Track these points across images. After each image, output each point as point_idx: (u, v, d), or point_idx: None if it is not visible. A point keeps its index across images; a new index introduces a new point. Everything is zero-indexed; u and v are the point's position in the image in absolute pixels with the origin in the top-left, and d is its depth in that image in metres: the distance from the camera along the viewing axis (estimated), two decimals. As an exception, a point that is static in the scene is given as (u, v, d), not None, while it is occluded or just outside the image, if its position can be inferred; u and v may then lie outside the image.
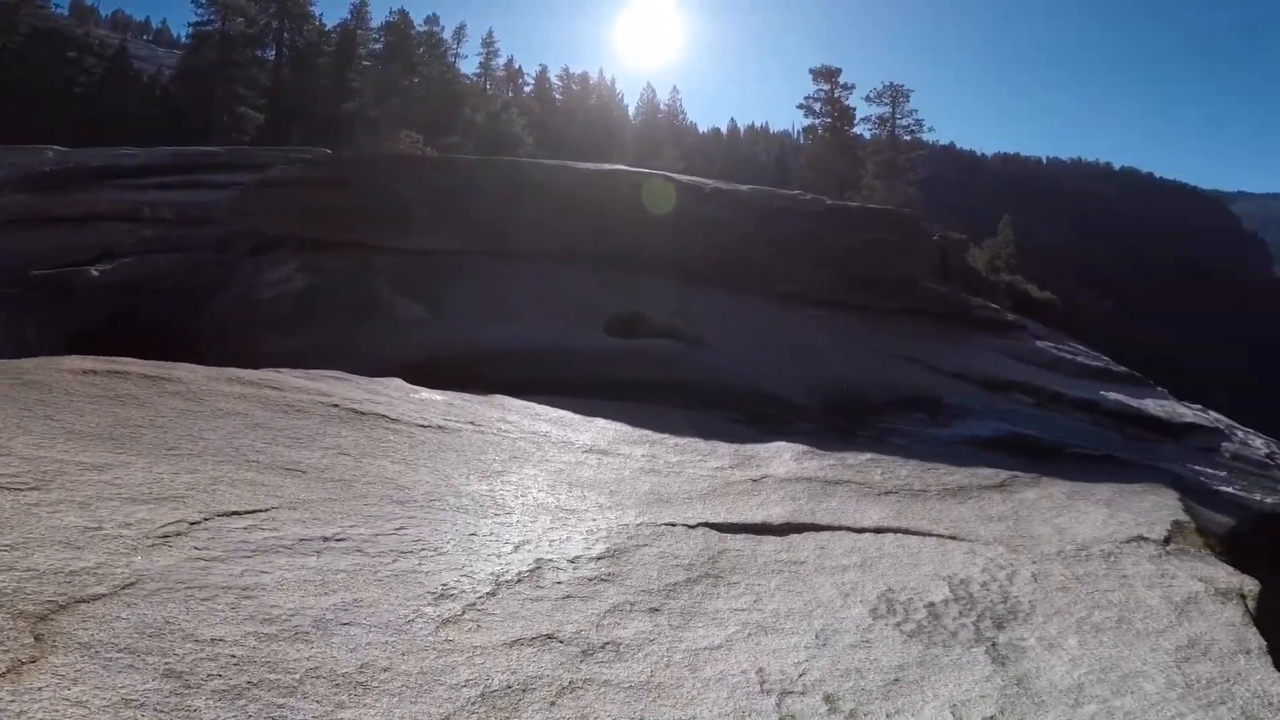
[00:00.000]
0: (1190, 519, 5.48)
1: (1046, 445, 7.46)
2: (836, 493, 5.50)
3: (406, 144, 26.31)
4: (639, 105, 51.95)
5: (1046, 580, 4.15)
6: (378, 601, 2.81)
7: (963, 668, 3.18)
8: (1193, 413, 11.97)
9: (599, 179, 16.23)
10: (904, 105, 36.22)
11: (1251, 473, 9.10)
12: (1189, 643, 3.51)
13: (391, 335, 10.20)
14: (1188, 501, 6.00)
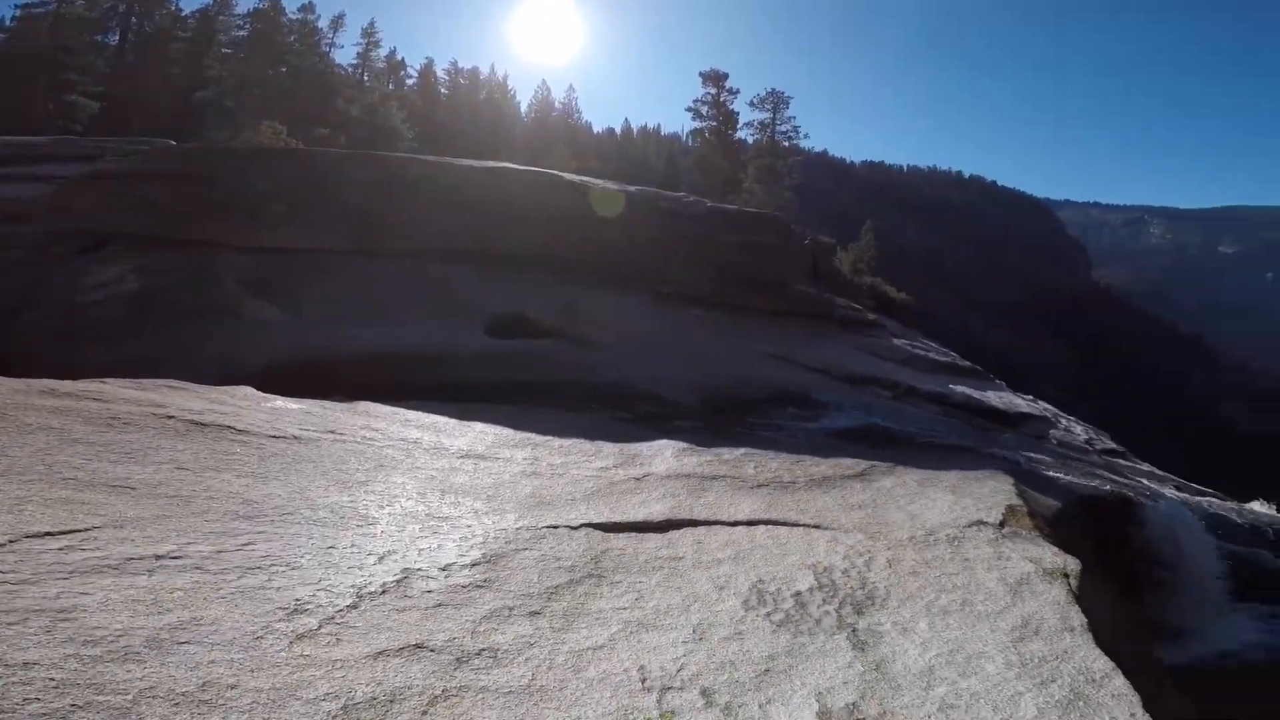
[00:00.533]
0: (1022, 502, 5.94)
1: (902, 435, 8.07)
2: (713, 488, 5.66)
3: (268, 136, 24.20)
4: (532, 102, 50.96)
5: (900, 566, 4.44)
6: (221, 619, 2.66)
7: (827, 655, 3.33)
8: (1026, 403, 13.48)
9: (483, 176, 15.77)
10: (784, 112, 37.46)
11: (1074, 458, 10.38)
12: (1023, 622, 3.79)
13: (243, 340, 9.34)
14: (1020, 486, 6.51)
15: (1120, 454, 12.86)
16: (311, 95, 38.15)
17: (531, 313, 11.94)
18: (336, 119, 37.54)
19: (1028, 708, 2.98)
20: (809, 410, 9.20)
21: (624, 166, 45.18)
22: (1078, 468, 9.25)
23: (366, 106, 40.40)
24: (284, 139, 23.86)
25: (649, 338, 12.52)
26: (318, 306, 10.77)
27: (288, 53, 41.85)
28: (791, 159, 38.46)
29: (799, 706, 2.89)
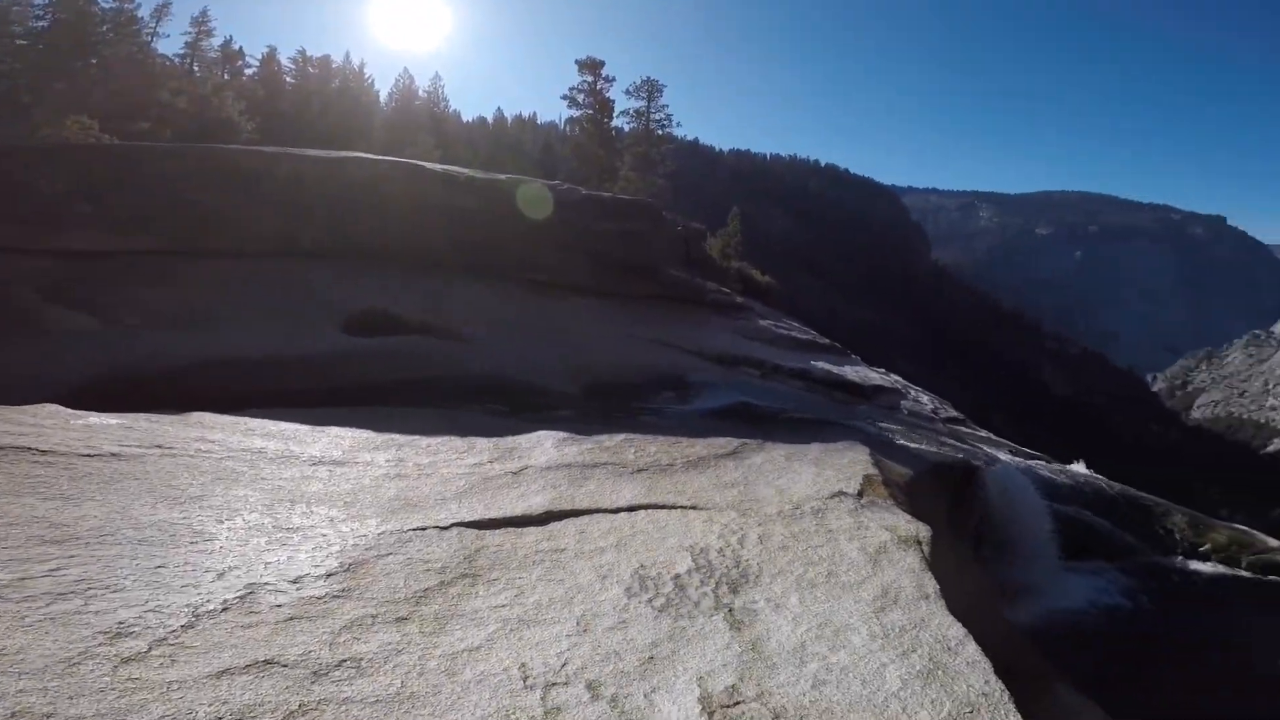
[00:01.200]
0: (878, 472, 6.28)
1: (770, 412, 8.44)
2: (594, 475, 5.62)
3: (74, 131, 20.99)
4: (393, 91, 48.01)
5: (770, 541, 4.60)
6: (27, 648, 2.46)
7: (706, 638, 3.37)
8: (879, 376, 14.59)
9: (332, 168, 14.70)
10: (658, 100, 37.75)
11: (923, 427, 11.31)
12: (883, 592, 3.99)
13: (48, 354, 8.05)
14: (876, 456, 6.87)
15: (961, 421, 14.24)
16: (128, 87, 33.59)
17: (395, 308, 11.27)
18: (160, 112, 33.39)
19: (892, 680, 3.10)
20: (685, 392, 9.40)
21: (497, 155, 44.02)
22: (926, 436, 9.90)
23: (197, 98, 36.16)
24: (95, 135, 20.83)
25: (524, 328, 12.25)
26: (141, 313, 9.53)
27: (99, 43, 36.58)
28: (665, 147, 39.18)
29: (682, 693, 2.91)
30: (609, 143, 37.53)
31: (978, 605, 4.96)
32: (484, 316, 12.28)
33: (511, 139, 57.74)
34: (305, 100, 42.83)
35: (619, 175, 35.50)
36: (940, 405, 14.52)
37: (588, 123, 37.56)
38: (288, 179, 13.72)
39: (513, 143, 55.28)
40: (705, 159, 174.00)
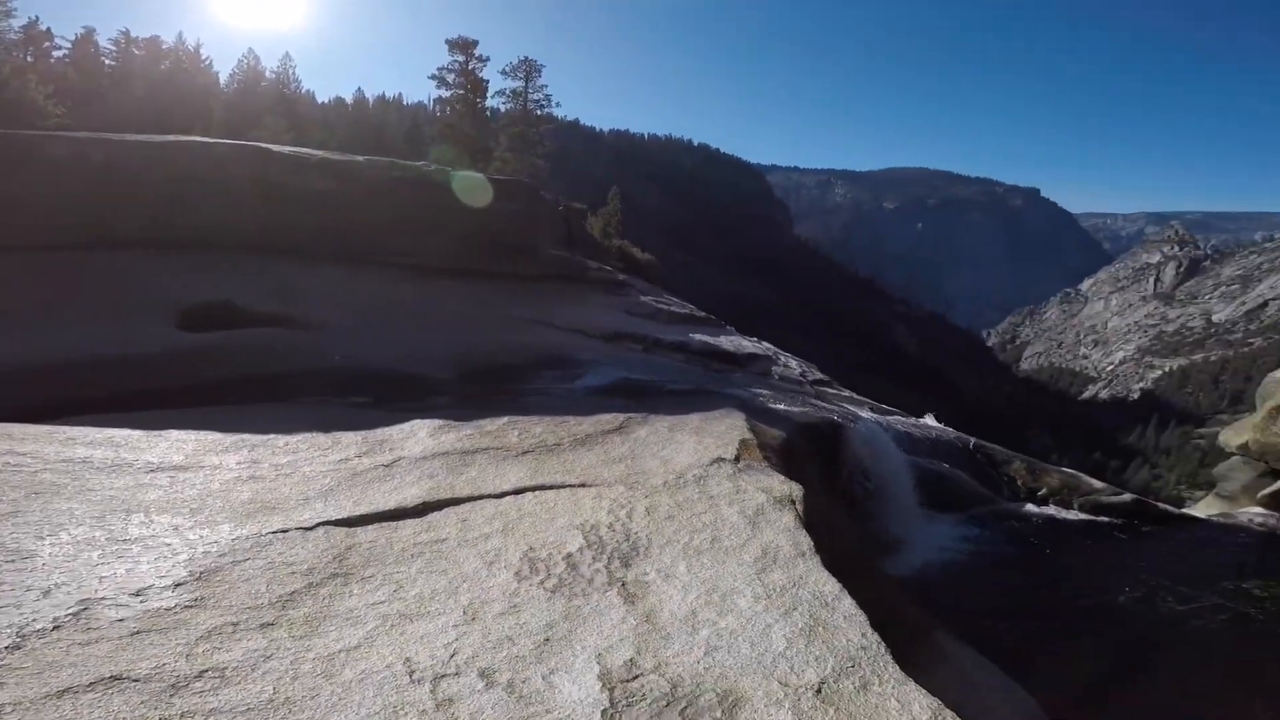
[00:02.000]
0: (753, 436, 6.44)
1: (653, 386, 8.52)
2: (476, 461, 5.41)
3: None
4: (235, 73, 43.43)
5: (657, 512, 4.64)
6: None
7: (602, 614, 3.35)
8: (752, 345, 15.21)
9: (155, 152, 13.16)
10: (536, 80, 37.25)
11: (793, 390, 11.88)
12: (763, 553, 4.11)
13: None
14: (752, 421, 7.07)
15: (827, 383, 15.16)
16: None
17: (242, 300, 10.23)
18: (-56, 99, 28.06)
19: (777, 639, 3.20)
20: (569, 370, 9.28)
21: (357, 137, 41.55)
22: (796, 398, 10.27)
23: (-7, 83, 30.77)
24: None
25: (393, 314, 11.58)
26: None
27: None
28: (544, 127, 39.04)
29: (582, 671, 2.89)
30: (482, 123, 36.87)
31: (856, 560, 5.22)
32: (347, 305, 11.47)
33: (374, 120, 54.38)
34: (127, 84, 37.87)
35: (494, 156, 34.86)
36: (807, 369, 15.37)
37: (459, 103, 36.58)
38: (103, 165, 12.23)
39: (375, 124, 52.10)
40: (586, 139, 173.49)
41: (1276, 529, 11.15)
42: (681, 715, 2.69)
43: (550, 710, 2.64)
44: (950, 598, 7.88)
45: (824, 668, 3.00)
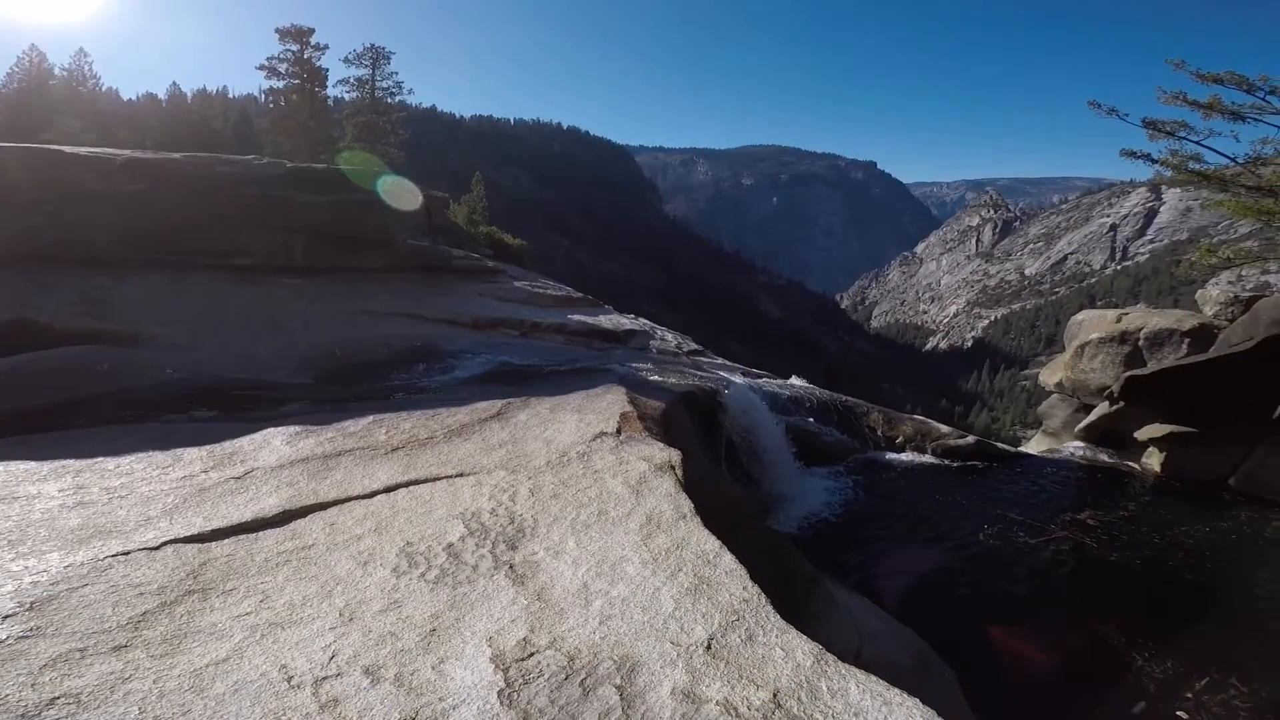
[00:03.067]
0: (633, 408, 6.52)
1: (533, 369, 8.34)
2: (341, 464, 5.10)
3: None
4: (14, 71, 37.35)
5: (541, 492, 4.59)
6: None
7: (491, 598, 3.31)
8: (630, 321, 15.37)
9: None
10: (384, 67, 35.88)
11: (670, 362, 12.14)
12: (647, 519, 4.18)
13: None
14: (632, 394, 7.15)
15: (701, 352, 15.68)
16: None
17: (43, 316, 8.88)
18: None
19: (666, 601, 3.28)
20: (440, 362, 8.86)
21: (174, 134, 37.66)
22: (674, 370, 10.42)
23: None
24: None
25: (232, 320, 10.52)
26: None
27: None
28: (396, 115, 37.68)
29: (473, 656, 2.85)
30: (323, 114, 35.36)
31: (741, 519, 5.38)
32: (176, 314, 10.28)
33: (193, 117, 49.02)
34: None
35: (340, 147, 33.63)
36: (683, 340, 15.80)
37: (294, 94, 34.78)
38: None
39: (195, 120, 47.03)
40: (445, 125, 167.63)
41: (1095, 460, 12.56)
42: (581, 686, 2.71)
43: (443, 698, 2.60)
44: (833, 547, 8.31)
45: (711, 624, 3.09)
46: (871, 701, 2.58)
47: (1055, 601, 7.35)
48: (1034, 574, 7.96)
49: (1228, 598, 7.41)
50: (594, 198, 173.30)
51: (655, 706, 2.60)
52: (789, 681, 2.71)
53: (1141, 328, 14.05)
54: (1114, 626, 6.64)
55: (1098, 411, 13.25)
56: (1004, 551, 8.49)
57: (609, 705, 2.61)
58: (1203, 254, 19.77)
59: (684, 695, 2.65)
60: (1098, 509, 9.94)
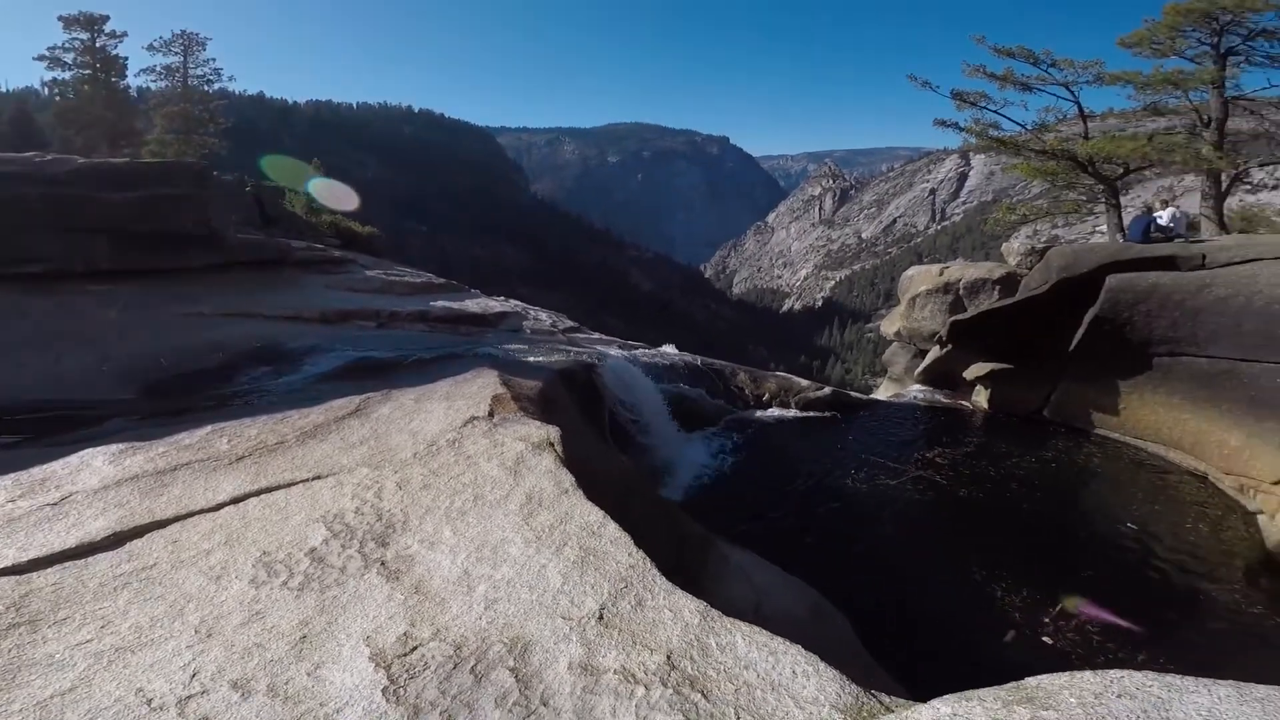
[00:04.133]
0: (506, 390, 6.40)
1: (393, 361, 7.89)
2: (178, 479, 4.64)
3: None
4: None
5: (410, 485, 4.42)
6: None
7: (364, 598, 3.20)
8: (500, 304, 15.00)
9: None
10: (199, 54, 32.89)
11: (545, 341, 11.98)
12: (528, 498, 4.15)
13: None
14: (505, 376, 6.99)
15: (577, 329, 15.65)
16: None
17: None
18: None
19: (554, 577, 3.29)
20: (287, 362, 8.15)
21: None
22: (549, 348, 10.31)
23: None
24: None
25: (28, 334, 9.11)
26: None
27: None
28: (214, 104, 34.49)
29: (351, 657, 2.76)
30: (122, 104, 32.21)
31: (633, 490, 5.46)
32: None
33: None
34: None
35: (146, 139, 30.80)
36: (558, 319, 15.68)
37: (85, 84, 31.41)
38: None
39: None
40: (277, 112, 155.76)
41: (934, 401, 13.92)
42: (473, 673, 2.69)
43: (324, 703, 2.52)
44: (721, 508, 8.60)
45: (601, 594, 3.15)
46: (758, 652, 2.73)
47: (922, 540, 7.99)
48: (900, 515, 8.65)
49: (1060, 524, 8.44)
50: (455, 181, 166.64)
51: (554, 683, 2.62)
52: (680, 642, 2.82)
53: (961, 279, 15.80)
54: (974, 560, 7.31)
55: (931, 355, 14.79)
56: (872, 495, 9.16)
57: (505, 688, 2.60)
58: (1004, 212, 22.56)
59: (581, 668, 2.69)
60: (944, 446, 11.03)
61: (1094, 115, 19.81)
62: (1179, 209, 12.62)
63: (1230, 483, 9.27)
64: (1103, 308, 10.50)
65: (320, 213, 27.59)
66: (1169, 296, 9.98)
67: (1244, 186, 18.97)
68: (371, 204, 67.14)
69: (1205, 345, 9.79)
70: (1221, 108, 17.69)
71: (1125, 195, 19.67)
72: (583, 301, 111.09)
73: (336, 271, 15.50)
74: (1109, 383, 11.13)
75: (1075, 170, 18.87)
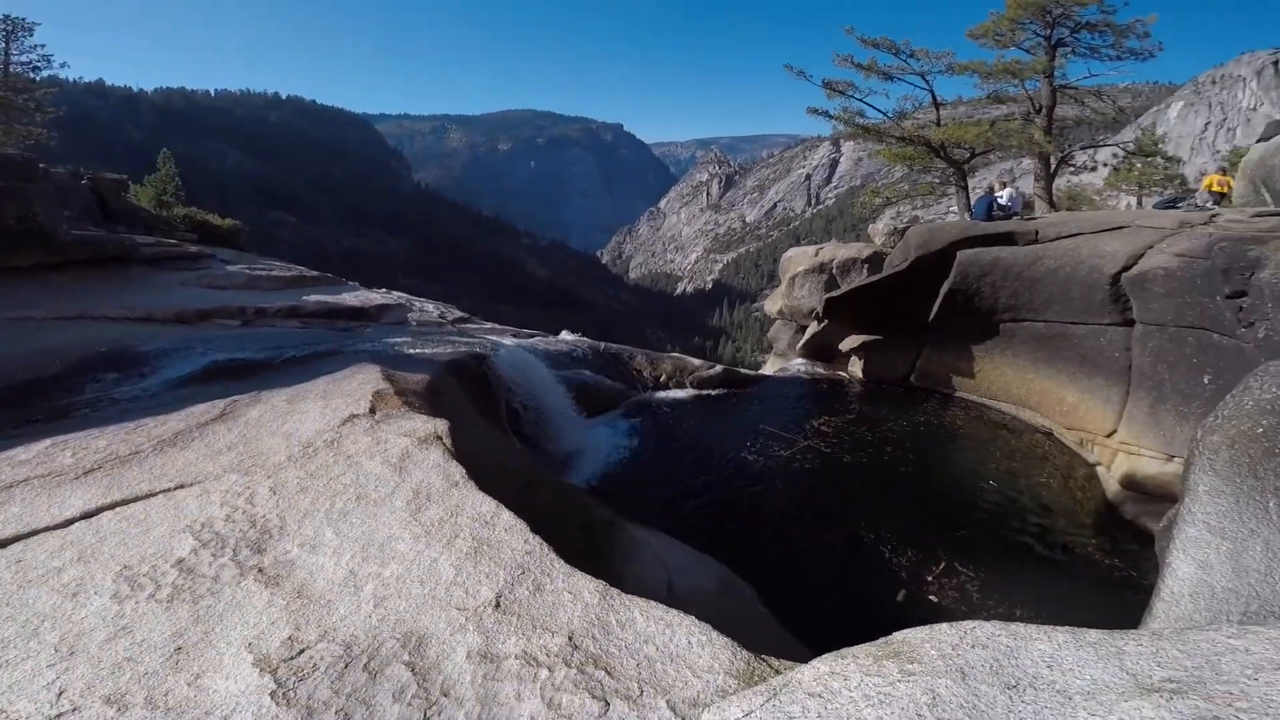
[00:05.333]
0: (389, 385, 6.14)
1: (262, 360, 7.36)
2: (15, 497, 4.22)
3: None
4: None
5: (285, 489, 4.23)
6: None
7: (242, 606, 3.09)
8: (381, 296, 14.33)
9: None
10: (24, 39, 30.00)
11: (433, 333, 11.56)
12: (415, 494, 4.06)
13: None
14: (388, 370, 6.72)
15: (468, 319, 15.26)
16: None
17: None
18: None
19: (446, 569, 3.27)
20: (138, 367, 7.39)
21: None
22: (437, 340, 9.88)
23: None
24: None
25: None
26: None
27: None
28: (42, 92, 30.83)
29: (234, 665, 2.69)
30: None
31: (535, 480, 5.42)
32: None
33: None
34: None
35: None
36: (446, 310, 15.22)
37: None
38: None
39: None
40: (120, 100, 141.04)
41: (815, 373, 14.78)
42: (366, 670, 2.66)
43: (210, 711, 2.47)
44: (628, 490, 8.70)
45: (497, 582, 3.16)
46: (656, 626, 2.84)
47: (816, 507, 8.42)
48: (794, 484, 9.06)
49: (933, 485, 9.15)
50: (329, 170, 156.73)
51: (453, 674, 2.62)
52: (581, 622, 2.88)
53: (834, 259, 16.83)
54: (863, 524, 7.82)
55: (810, 331, 15.69)
56: (767, 467, 9.57)
57: (402, 682, 2.59)
58: (869, 196, 24.19)
59: (481, 656, 2.71)
60: (828, 415, 11.74)
61: (946, 103, 21.63)
62: (1017, 189, 14.04)
63: (1072, 437, 10.48)
64: (955, 280, 11.55)
65: (172, 205, 25.13)
66: (1010, 269, 11.12)
67: (1069, 169, 21.39)
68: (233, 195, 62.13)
69: (1042, 311, 11.00)
70: (1051, 96, 19.82)
71: (972, 177, 21.64)
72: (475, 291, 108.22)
73: (193, 268, 14.17)
74: (964, 349, 12.29)
75: (930, 155, 20.52)
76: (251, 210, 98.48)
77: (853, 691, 2.01)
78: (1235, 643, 2.02)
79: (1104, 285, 9.84)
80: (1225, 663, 1.92)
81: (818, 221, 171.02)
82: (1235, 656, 1.94)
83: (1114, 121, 23.15)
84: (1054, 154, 20.12)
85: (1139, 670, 1.93)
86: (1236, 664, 1.91)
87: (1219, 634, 2.08)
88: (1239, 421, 4.44)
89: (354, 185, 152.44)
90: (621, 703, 2.43)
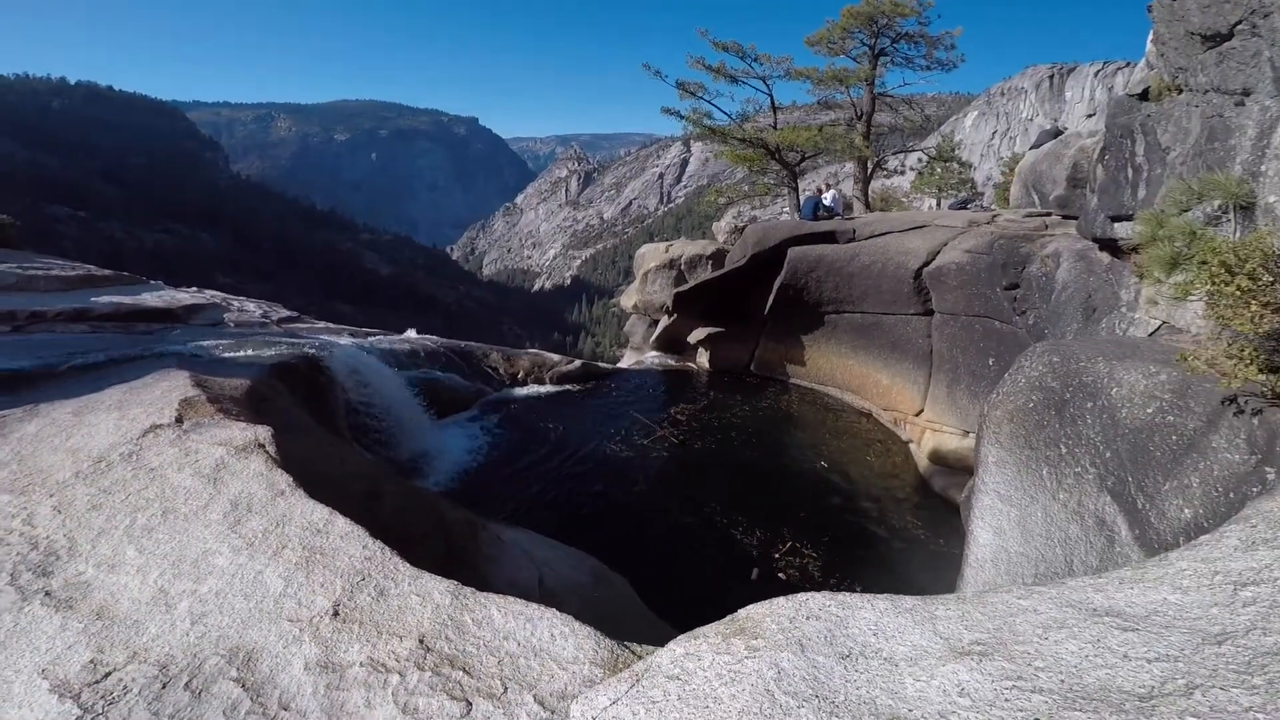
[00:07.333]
0: (200, 392, 5.61)
1: (40, 370, 6.32)
2: None
3: None
4: None
5: (73, 507, 3.77)
6: None
7: (30, 632, 2.82)
8: (191, 296, 12.76)
9: None
10: None
11: (255, 334, 10.49)
12: (233, 505, 3.76)
13: None
14: (199, 376, 6.11)
15: (297, 319, 14.05)
16: None
17: None
18: None
19: (273, 581, 3.08)
20: None
21: None
22: (260, 342, 9.07)
23: None
24: None
25: None
26: None
27: None
28: None
29: (29, 692, 2.47)
30: None
31: (379, 486, 5.16)
32: None
33: None
34: None
35: None
36: (271, 309, 13.97)
37: None
38: None
39: None
40: None
41: (668, 365, 15.39)
42: (188, 689, 2.49)
43: None
44: (489, 490, 8.58)
45: (334, 590, 3.02)
46: (515, 622, 2.81)
47: (674, 494, 8.79)
48: (654, 473, 9.41)
49: (774, 468, 9.85)
50: (126, 161, 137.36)
51: (291, 687, 2.49)
52: (432, 624, 2.80)
53: (682, 255, 17.56)
54: (716, 507, 8.27)
55: (662, 324, 16.28)
56: (629, 457, 9.87)
57: (233, 699, 2.43)
58: (714, 195, 25.53)
59: (321, 667, 2.57)
60: (682, 403, 12.31)
61: (783, 108, 23.23)
62: (839, 191, 15.45)
63: (888, 417, 11.77)
64: (786, 276, 12.54)
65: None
66: (832, 264, 12.26)
67: (883, 172, 23.85)
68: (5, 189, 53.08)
69: (859, 302, 12.24)
70: (870, 103, 21.97)
71: (802, 179, 23.50)
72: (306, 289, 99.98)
73: (-57, 264, 11.79)
74: (796, 339, 13.37)
75: (767, 157, 21.99)
76: (30, 204, 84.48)
77: (706, 671, 2.08)
78: (1024, 603, 2.22)
79: (909, 279, 11.15)
80: (1019, 623, 2.10)
81: (669, 219, 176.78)
82: (1026, 617, 2.13)
83: (921, 129, 26.13)
84: (871, 158, 22.33)
85: (950, 634, 2.08)
86: (1028, 624, 2.09)
87: (1011, 595, 2.28)
88: (1015, 398, 5.24)
89: (157, 177, 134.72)
90: (485, 701, 2.41)
